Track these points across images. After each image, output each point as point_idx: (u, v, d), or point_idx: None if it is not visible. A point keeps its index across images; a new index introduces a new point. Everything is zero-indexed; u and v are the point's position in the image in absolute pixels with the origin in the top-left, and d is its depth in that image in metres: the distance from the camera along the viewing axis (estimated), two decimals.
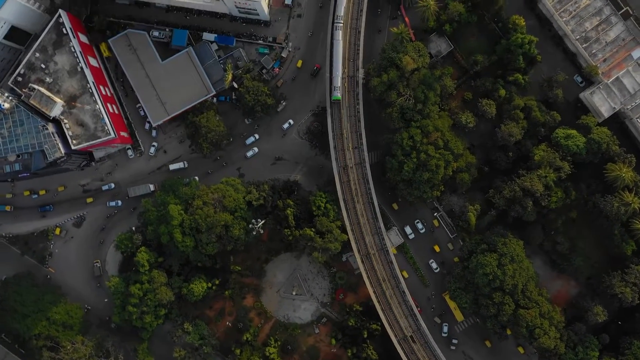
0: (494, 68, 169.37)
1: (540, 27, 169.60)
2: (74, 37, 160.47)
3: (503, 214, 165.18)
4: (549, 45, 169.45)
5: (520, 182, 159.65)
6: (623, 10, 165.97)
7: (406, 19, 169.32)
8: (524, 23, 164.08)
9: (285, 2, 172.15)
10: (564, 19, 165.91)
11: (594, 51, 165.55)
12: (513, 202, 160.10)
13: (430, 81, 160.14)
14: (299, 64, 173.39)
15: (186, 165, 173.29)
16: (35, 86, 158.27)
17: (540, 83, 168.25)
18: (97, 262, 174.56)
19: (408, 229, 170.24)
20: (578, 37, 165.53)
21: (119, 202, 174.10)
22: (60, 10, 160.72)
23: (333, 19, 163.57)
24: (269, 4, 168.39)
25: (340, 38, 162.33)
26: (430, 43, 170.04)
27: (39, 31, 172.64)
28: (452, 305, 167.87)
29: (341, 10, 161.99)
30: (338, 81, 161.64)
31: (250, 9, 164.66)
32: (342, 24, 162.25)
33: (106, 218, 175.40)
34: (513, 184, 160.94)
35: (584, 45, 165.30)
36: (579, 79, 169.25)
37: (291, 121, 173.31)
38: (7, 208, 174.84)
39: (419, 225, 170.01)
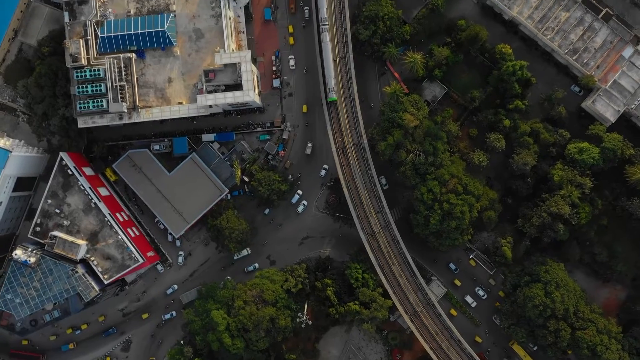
0: (492, 98, 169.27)
1: (526, 48, 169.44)
2: (80, 175, 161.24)
3: (536, 239, 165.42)
4: (539, 64, 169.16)
5: (546, 208, 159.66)
6: (603, 13, 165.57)
7: (396, 74, 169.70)
8: (511, 50, 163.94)
9: (274, 86, 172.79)
10: (548, 36, 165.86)
11: (585, 60, 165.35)
12: (544, 227, 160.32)
13: (435, 131, 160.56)
14: (305, 109, 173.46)
15: (250, 252, 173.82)
16: (56, 233, 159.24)
17: (540, 102, 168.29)
18: None
19: (469, 298, 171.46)
20: (566, 50, 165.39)
21: (174, 313, 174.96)
22: (61, 153, 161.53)
23: (318, 23, 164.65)
24: (258, 93, 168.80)
25: (328, 40, 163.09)
26: (424, 90, 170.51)
27: (42, 172, 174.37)
28: (521, 353, 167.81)
29: (324, 13, 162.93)
30: (332, 82, 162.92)
31: (242, 103, 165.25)
32: (327, 26, 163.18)
33: (156, 327, 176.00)
34: (540, 210, 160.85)
35: (574, 57, 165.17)
36: (577, 89, 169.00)
37: (326, 166, 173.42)
38: (71, 346, 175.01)
39: (480, 292, 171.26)
